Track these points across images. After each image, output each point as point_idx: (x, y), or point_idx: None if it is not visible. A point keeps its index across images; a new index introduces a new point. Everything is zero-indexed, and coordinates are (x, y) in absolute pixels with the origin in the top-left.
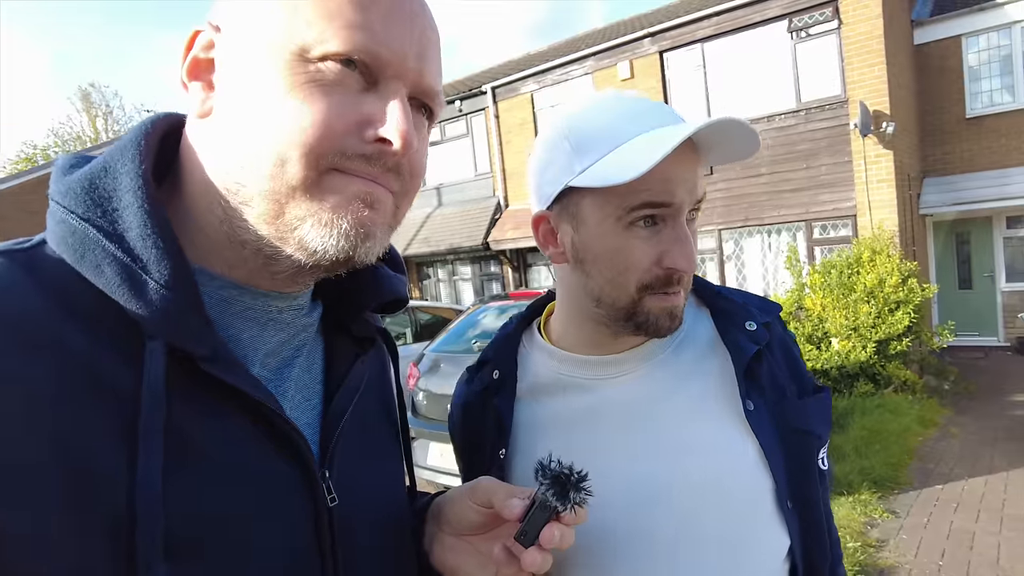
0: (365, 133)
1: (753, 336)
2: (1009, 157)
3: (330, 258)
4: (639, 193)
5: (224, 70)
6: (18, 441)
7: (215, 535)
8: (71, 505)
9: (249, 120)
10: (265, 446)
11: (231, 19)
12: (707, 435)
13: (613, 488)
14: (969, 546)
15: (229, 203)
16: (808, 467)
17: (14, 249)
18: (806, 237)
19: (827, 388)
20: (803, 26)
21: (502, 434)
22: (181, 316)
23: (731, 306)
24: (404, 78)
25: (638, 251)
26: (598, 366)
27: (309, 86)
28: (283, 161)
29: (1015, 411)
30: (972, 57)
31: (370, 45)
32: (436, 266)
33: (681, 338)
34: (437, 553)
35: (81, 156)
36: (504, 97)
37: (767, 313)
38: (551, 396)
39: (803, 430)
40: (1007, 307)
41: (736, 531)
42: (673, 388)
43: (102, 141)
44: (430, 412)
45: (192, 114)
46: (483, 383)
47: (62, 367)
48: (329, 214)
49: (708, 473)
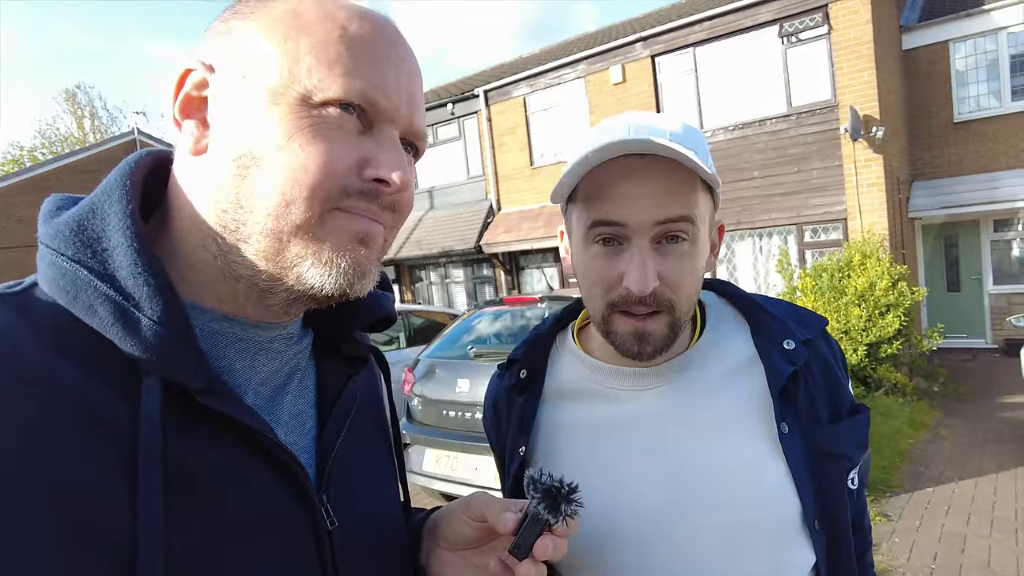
0: (364, 172)
1: (790, 356)
2: (996, 161)
3: (326, 294)
4: (592, 211)
5: (221, 110)
6: (16, 477)
7: (216, 565)
8: (71, 540)
9: (250, 161)
10: (263, 474)
11: (227, 62)
12: (730, 454)
13: (628, 501)
14: (961, 549)
15: (225, 239)
16: (838, 489)
17: (5, 293)
18: (797, 240)
19: (866, 408)
20: (794, 31)
21: (524, 432)
22: (175, 351)
23: (769, 322)
24: (397, 122)
25: (598, 268)
26: (627, 377)
27: (312, 130)
28: (288, 202)
29: (1003, 413)
30: (960, 62)
31: (368, 92)
32: (428, 269)
33: (717, 353)
34: (434, 568)
35: (67, 197)
36: (496, 100)
37: (808, 329)
38: (577, 401)
39: (835, 453)
40: (995, 309)
41: (750, 551)
42: (700, 404)
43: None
44: (425, 418)
45: (184, 151)
46: (511, 380)
47: (58, 406)
48: (329, 253)
49: (725, 492)
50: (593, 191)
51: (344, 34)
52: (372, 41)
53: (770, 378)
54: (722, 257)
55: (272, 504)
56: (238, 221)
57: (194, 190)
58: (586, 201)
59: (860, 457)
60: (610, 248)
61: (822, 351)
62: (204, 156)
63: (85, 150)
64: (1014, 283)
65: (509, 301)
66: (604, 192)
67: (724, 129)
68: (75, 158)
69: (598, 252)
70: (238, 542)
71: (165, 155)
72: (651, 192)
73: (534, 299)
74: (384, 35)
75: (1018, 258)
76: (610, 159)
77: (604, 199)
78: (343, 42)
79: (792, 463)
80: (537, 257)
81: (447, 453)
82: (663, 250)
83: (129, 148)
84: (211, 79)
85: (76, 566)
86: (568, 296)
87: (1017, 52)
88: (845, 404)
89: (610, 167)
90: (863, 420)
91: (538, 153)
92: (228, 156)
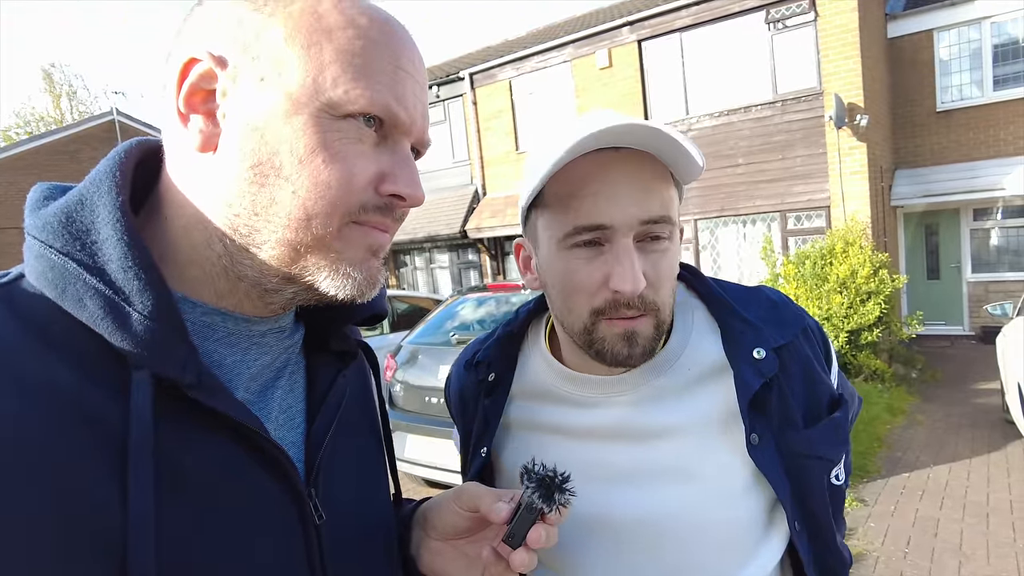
0: (381, 188)
1: (759, 368)
2: (977, 151)
3: (338, 301)
4: (569, 215)
5: (234, 110)
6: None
7: (206, 558)
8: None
9: (270, 171)
10: (252, 468)
11: (242, 59)
12: (698, 463)
13: (594, 508)
14: (934, 533)
15: (235, 242)
16: (816, 488)
17: None
18: (780, 228)
19: (846, 404)
20: (780, 17)
21: (487, 433)
22: (166, 345)
23: (739, 327)
24: (411, 135)
25: (582, 273)
26: (593, 385)
27: (335, 144)
28: (309, 217)
29: (978, 399)
30: (943, 51)
31: (391, 107)
32: (413, 254)
33: (685, 358)
34: (425, 558)
35: (54, 186)
36: (482, 84)
37: (784, 330)
38: (543, 404)
39: (811, 455)
40: (972, 297)
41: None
42: (668, 411)
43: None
44: (408, 404)
45: (190, 146)
46: (478, 378)
47: (47, 400)
48: (346, 266)
49: (692, 501)
50: (566, 193)
51: (368, 44)
52: (391, 49)
53: (739, 391)
54: (705, 244)
55: (262, 499)
56: (251, 227)
57: (200, 188)
58: (558, 205)
59: (840, 455)
60: (591, 251)
61: (802, 352)
62: (213, 155)
63: (63, 130)
64: (992, 271)
65: (493, 287)
66: (580, 191)
67: (709, 115)
68: (52, 138)
69: (578, 257)
70: (228, 536)
71: (155, 144)
72: (631, 188)
73: (518, 285)
74: (400, 42)
75: (996, 247)
76: (580, 156)
77: (581, 198)
78: (367, 52)
79: (764, 469)
80: None
81: (429, 439)
82: (645, 249)
83: (108, 128)
84: (221, 75)
85: (67, 561)
86: None
87: (1000, 42)
88: (824, 401)
89: (581, 164)
90: (839, 419)
91: (524, 138)
92: (244, 161)
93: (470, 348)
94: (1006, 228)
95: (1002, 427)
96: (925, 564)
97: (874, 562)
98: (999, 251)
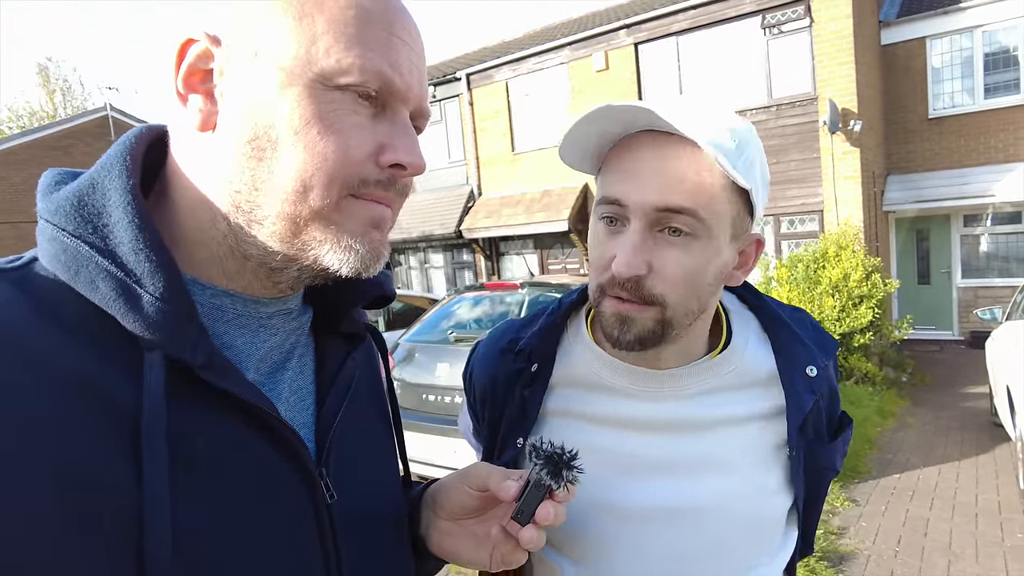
0: (381, 159)
1: (812, 384)
2: (968, 157)
3: (342, 275)
4: (602, 186)
5: (231, 87)
6: (18, 455)
7: (219, 536)
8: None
9: (266, 144)
10: (264, 449)
11: (235, 36)
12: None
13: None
14: (924, 532)
15: (237, 219)
16: (821, 496)
17: (5, 268)
18: (774, 231)
19: (850, 420)
20: (776, 23)
21: (525, 423)
22: (177, 327)
23: (793, 344)
24: (408, 102)
25: (600, 247)
26: (640, 378)
27: (330, 115)
28: (306, 188)
29: (966, 403)
30: (936, 59)
31: (386, 74)
32: (408, 253)
33: (738, 366)
34: (434, 538)
35: (65, 172)
36: (479, 84)
37: (826, 353)
38: (586, 393)
39: (828, 467)
40: (962, 302)
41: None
42: (718, 407)
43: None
44: (405, 402)
45: (190, 126)
46: (517, 366)
47: (61, 382)
48: (348, 239)
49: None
50: (610, 164)
51: (360, 12)
52: (385, 18)
53: (791, 406)
54: None
55: (274, 479)
56: (252, 203)
57: (202, 168)
58: (603, 171)
59: (842, 464)
60: (612, 228)
61: (831, 371)
62: (212, 134)
63: (56, 124)
64: (981, 277)
65: (490, 286)
66: (617, 165)
67: None
68: (45, 132)
69: (601, 231)
70: (241, 516)
71: (165, 130)
72: (658, 173)
73: (515, 285)
74: (394, 11)
75: (986, 253)
76: (642, 131)
77: (613, 171)
78: (359, 21)
79: (793, 476)
80: (518, 243)
81: (425, 436)
82: (658, 239)
83: (102, 124)
84: (217, 52)
85: (83, 544)
86: (548, 283)
87: (991, 50)
88: (837, 415)
89: (637, 139)
90: (850, 432)
91: (520, 139)
92: (241, 137)
93: (506, 333)
94: (996, 234)
95: (990, 430)
96: (915, 563)
97: (865, 560)
98: (989, 257)
